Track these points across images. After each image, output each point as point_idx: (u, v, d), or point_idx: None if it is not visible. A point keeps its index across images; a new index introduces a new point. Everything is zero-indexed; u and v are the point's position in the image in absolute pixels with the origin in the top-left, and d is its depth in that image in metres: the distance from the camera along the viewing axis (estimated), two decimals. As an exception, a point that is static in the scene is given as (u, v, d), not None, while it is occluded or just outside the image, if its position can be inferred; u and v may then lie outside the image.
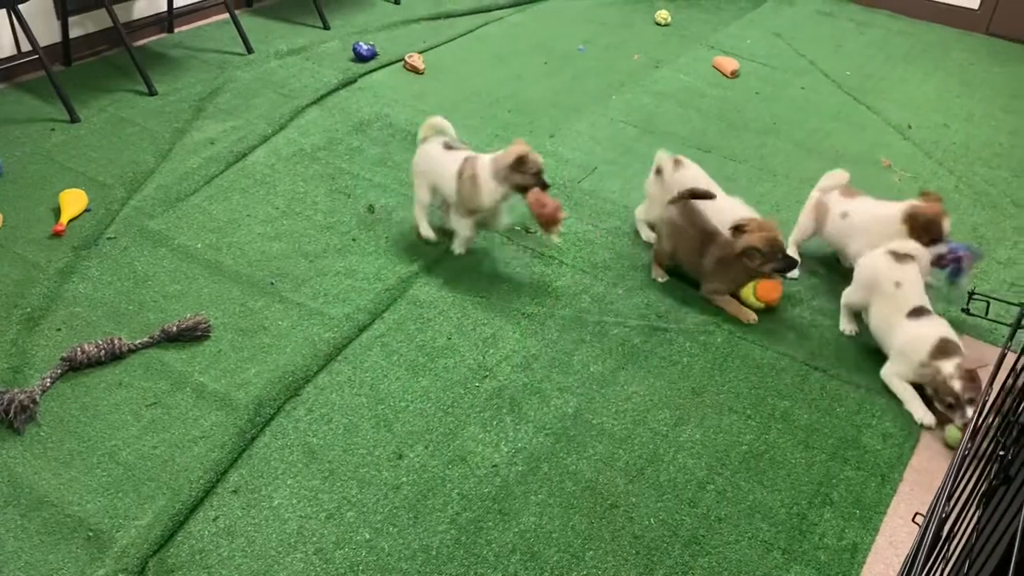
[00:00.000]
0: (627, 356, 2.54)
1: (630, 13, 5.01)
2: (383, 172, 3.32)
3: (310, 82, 3.93)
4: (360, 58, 4.14)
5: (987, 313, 2.72)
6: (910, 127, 3.90)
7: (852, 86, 4.24)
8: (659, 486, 2.15)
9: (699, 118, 3.88)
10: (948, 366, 2.31)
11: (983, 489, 1.22)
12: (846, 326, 2.69)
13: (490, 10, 4.90)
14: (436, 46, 4.40)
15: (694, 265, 2.75)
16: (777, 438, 2.31)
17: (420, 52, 4.25)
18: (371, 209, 3.10)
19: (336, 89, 3.90)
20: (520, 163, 2.66)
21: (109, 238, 2.88)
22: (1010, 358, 2.08)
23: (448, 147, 2.84)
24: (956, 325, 2.70)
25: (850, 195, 2.85)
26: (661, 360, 2.53)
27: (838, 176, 2.88)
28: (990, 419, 1.38)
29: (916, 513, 2.08)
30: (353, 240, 2.94)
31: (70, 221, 2.93)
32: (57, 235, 2.86)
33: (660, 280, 2.84)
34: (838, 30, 4.90)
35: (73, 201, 2.97)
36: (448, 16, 4.78)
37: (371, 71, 4.08)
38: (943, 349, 2.35)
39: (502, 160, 2.69)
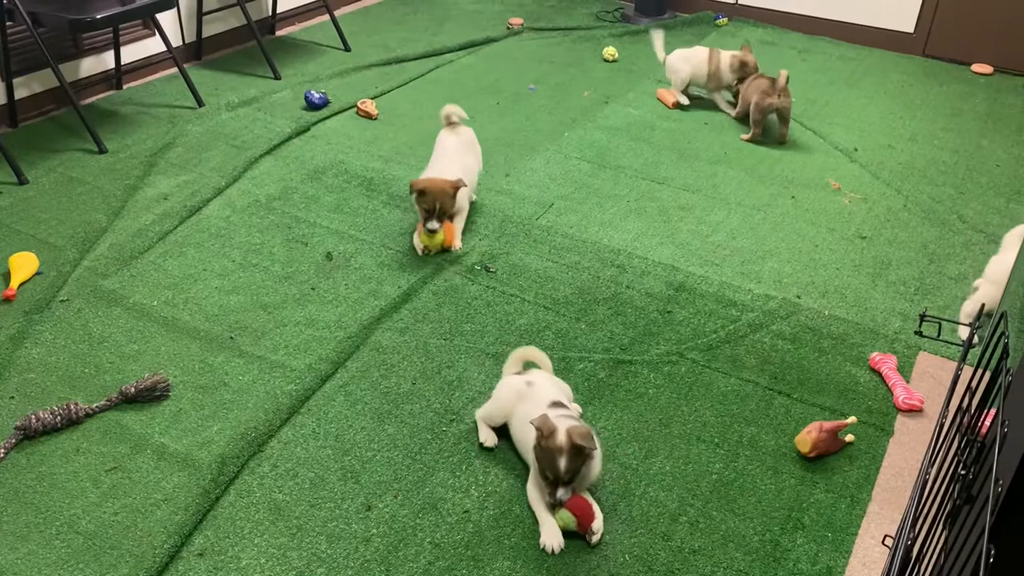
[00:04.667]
0: (593, 391, 2.54)
1: (578, 52, 5.09)
2: (340, 219, 3.31)
3: (263, 132, 3.92)
4: (312, 106, 4.15)
5: (939, 335, 2.77)
6: (856, 150, 3.99)
7: (798, 112, 4.34)
8: (632, 521, 2.14)
9: (651, 151, 3.93)
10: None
11: (948, 509, 1.23)
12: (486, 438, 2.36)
13: (440, 53, 4.94)
14: (388, 91, 4.43)
15: None
16: (746, 465, 2.31)
17: (372, 98, 4.27)
18: (329, 257, 3.08)
19: (289, 138, 3.89)
20: None
21: (62, 300, 2.83)
22: (965, 376, 2.11)
23: None
24: (910, 347, 2.76)
25: None
26: (627, 393, 2.53)
27: None
28: (950, 439, 1.40)
29: (885, 536, 2.10)
30: (312, 289, 2.92)
31: (20, 285, 2.87)
32: (8, 300, 2.80)
33: None
34: (781, 58, 5.02)
35: (23, 265, 2.92)
36: (399, 61, 4.81)
37: (324, 119, 4.09)
38: None
39: None
